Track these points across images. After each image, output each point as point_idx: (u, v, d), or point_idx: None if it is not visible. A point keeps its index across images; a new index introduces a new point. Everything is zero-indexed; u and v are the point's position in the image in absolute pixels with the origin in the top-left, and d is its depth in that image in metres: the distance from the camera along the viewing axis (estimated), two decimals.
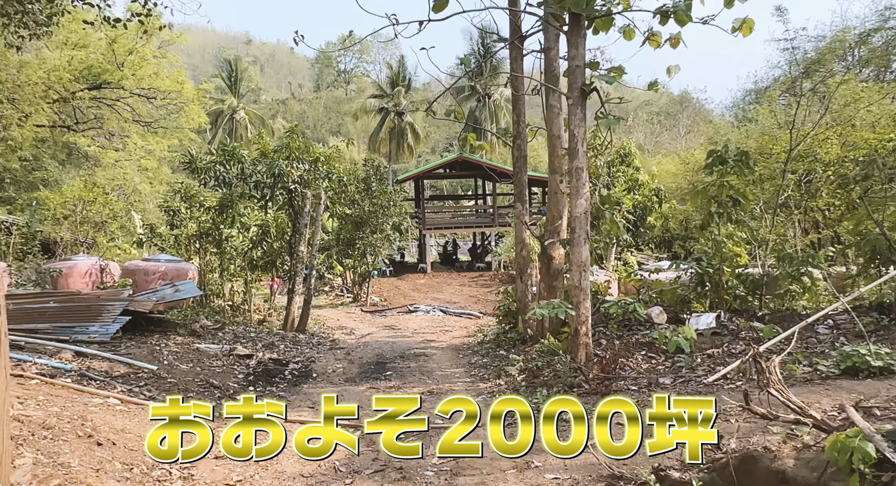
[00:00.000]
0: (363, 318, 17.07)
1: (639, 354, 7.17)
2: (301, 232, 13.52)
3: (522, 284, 10.73)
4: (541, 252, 9.30)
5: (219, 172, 13.20)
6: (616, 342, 7.49)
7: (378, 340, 12.85)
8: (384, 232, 20.31)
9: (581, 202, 7.15)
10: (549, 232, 9.14)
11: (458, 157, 32.44)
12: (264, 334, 12.33)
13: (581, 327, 7.15)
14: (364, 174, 20.12)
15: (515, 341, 10.42)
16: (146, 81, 28.38)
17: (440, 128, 76.35)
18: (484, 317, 16.94)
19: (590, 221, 7.27)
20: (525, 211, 10.78)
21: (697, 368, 6.37)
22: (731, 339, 7.17)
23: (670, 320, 8.13)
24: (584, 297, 7.17)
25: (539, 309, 6.89)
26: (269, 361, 9.92)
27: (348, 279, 23.67)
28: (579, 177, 7.14)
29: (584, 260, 7.19)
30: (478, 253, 34.50)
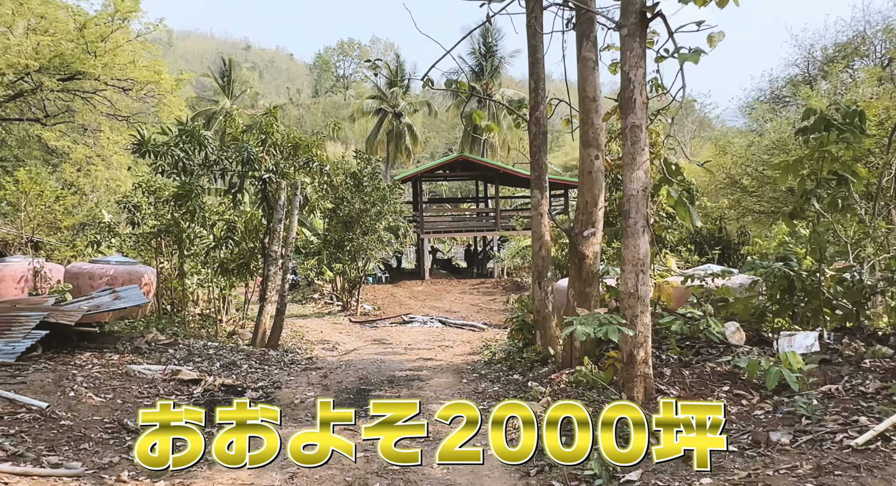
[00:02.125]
0: (350, 330, 14.93)
1: (719, 390, 5.06)
2: (275, 229, 11.43)
3: (541, 290, 8.62)
4: (569, 250, 7.20)
5: (177, 156, 11.11)
6: (684, 372, 5.37)
7: (364, 358, 10.73)
8: (377, 233, 18.19)
9: (639, 175, 5.06)
10: (580, 223, 7.04)
11: (459, 156, 30.40)
12: (227, 351, 10.20)
13: (638, 351, 5.04)
14: (355, 168, 18.00)
15: (533, 363, 8.30)
16: (121, 70, 26.41)
17: (440, 133, 74.81)
18: (489, 329, 14.81)
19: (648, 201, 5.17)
20: (545, 200, 8.69)
21: (821, 416, 4.26)
22: (851, 370, 5.06)
23: (749, 340, 6.04)
24: (641, 309, 5.07)
25: (581, 327, 4.78)
26: (220, 388, 7.79)
27: (338, 286, 21.53)
28: (636, 139, 5.05)
29: (641, 256, 5.10)
30: (478, 259, 32.41)
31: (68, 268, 12.09)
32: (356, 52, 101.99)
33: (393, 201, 18.65)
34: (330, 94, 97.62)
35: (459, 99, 48.64)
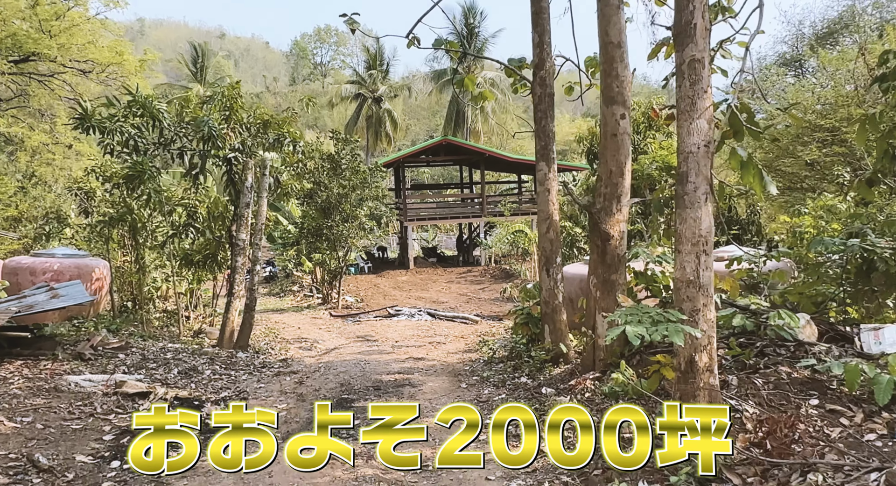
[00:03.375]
0: (331, 325, 13.66)
1: (806, 404, 3.91)
2: (243, 215, 10.10)
3: (550, 279, 7.43)
4: (590, 230, 6.01)
5: (128, 133, 9.70)
6: (756, 381, 4.21)
7: (346, 358, 9.48)
8: (358, 220, 16.86)
9: (700, 126, 3.86)
10: (602, 197, 5.85)
11: (443, 140, 29.03)
12: (188, 354, 8.90)
13: (700, 355, 3.87)
14: (332, 150, 16.59)
15: (543, 363, 7.12)
16: (80, 51, 24.64)
17: (420, 120, 73.34)
18: (482, 321, 13.63)
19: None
20: (552, 173, 7.48)
21: None
22: None
23: (822, 335, 4.90)
24: (704, 300, 3.89)
25: (632, 327, 3.58)
26: (173, 402, 6.51)
27: (318, 277, 20.20)
28: (697, 77, 3.84)
29: (704, 232, 3.91)
30: (464, 246, 31.22)
31: (6, 263, 10.64)
32: (334, 39, 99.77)
33: (374, 185, 17.31)
34: (307, 81, 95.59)
35: (441, 83, 47.31)
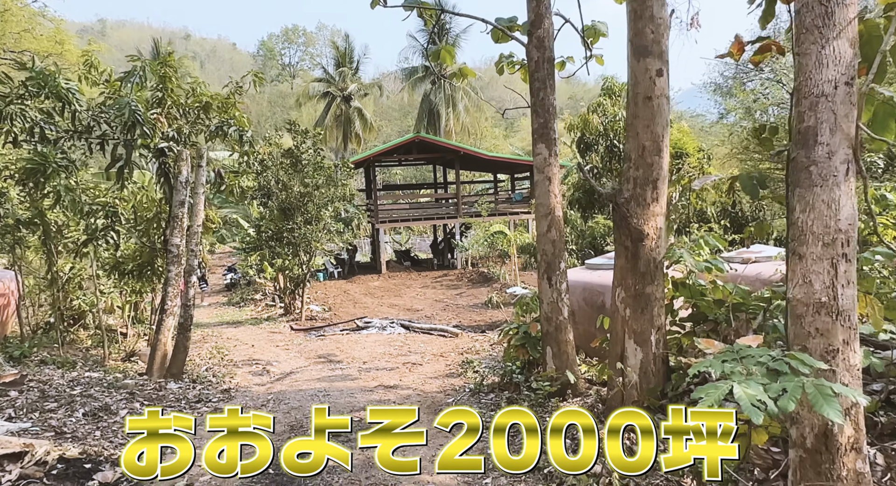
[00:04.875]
0: (291, 341, 11.96)
1: None
2: (176, 215, 8.39)
3: (553, 289, 5.91)
4: (616, 227, 4.50)
5: (32, 118, 7.94)
6: None
7: (302, 388, 7.83)
8: (322, 221, 15.16)
9: (839, 50, 2.36)
10: (632, 182, 4.35)
11: (415, 137, 27.40)
12: (101, 388, 7.18)
13: (841, 428, 2.37)
14: (291, 144, 14.85)
15: (548, 396, 5.60)
16: (14, 41, 22.49)
17: (392, 121, 71.98)
18: (463, 334, 12.07)
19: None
20: (554, 158, 5.98)
21: None
22: None
23: None
24: (845, 334, 2.41)
25: (744, 387, 2.08)
26: (55, 464, 4.82)
27: (281, 284, 18.41)
28: None
29: (844, 226, 2.42)
30: (439, 249, 29.67)
31: None
32: (301, 40, 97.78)
33: (342, 184, 15.62)
34: (276, 82, 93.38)
35: (413, 79, 45.75)
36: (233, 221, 28.38)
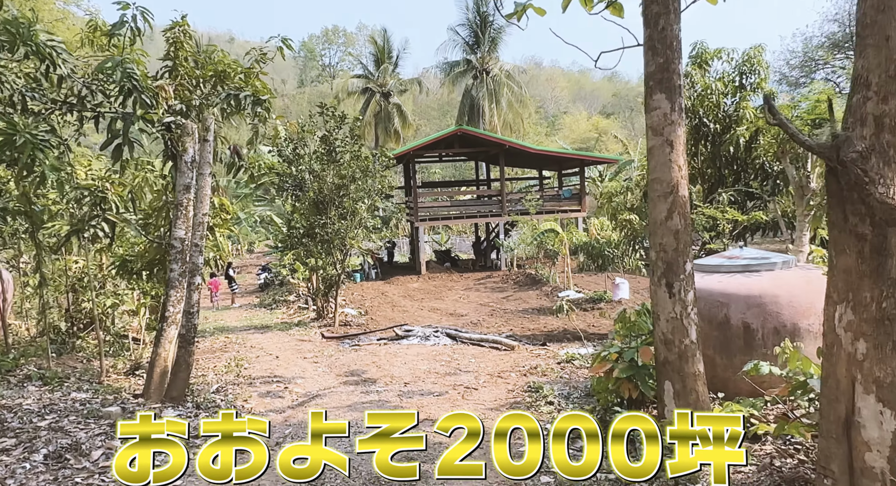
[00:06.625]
0: (321, 352, 10.40)
1: None
2: (181, 203, 6.91)
3: (675, 300, 4.15)
4: (836, 199, 2.72)
5: (13, 85, 6.57)
6: None
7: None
8: (358, 216, 13.62)
9: None
10: (871, 123, 2.57)
11: (458, 130, 25.70)
12: (79, 417, 5.71)
13: None
14: (323, 130, 13.32)
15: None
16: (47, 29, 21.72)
17: (431, 120, 70.77)
18: (519, 346, 10.32)
19: None
20: (677, 114, 4.22)
21: None
22: None
23: None
24: None
25: None
26: None
27: (314, 285, 16.97)
28: None
29: None
30: (481, 249, 27.97)
31: None
32: (341, 40, 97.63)
33: (380, 175, 14.05)
34: (316, 83, 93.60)
35: (454, 74, 44.09)
36: (267, 218, 27.25)
